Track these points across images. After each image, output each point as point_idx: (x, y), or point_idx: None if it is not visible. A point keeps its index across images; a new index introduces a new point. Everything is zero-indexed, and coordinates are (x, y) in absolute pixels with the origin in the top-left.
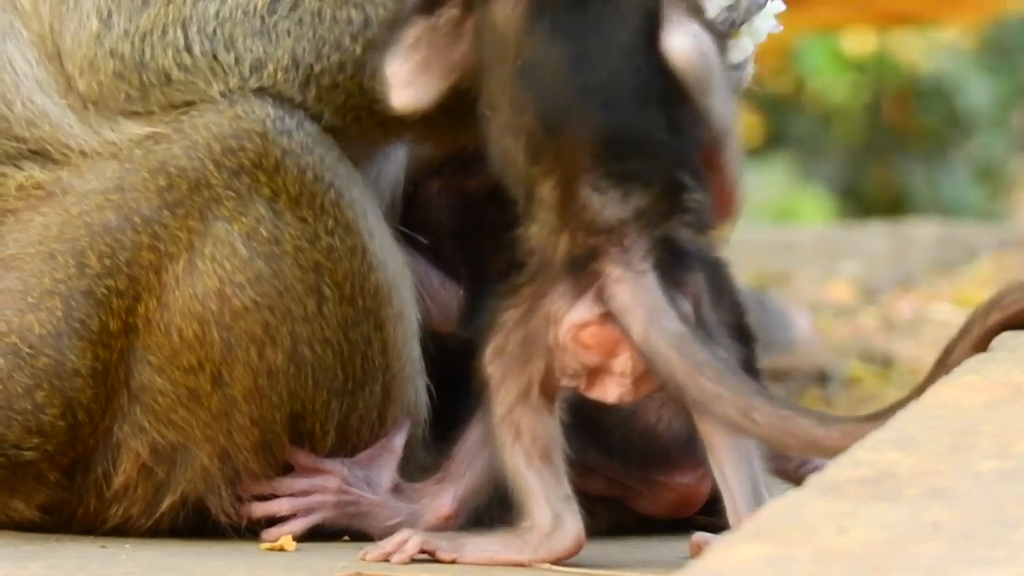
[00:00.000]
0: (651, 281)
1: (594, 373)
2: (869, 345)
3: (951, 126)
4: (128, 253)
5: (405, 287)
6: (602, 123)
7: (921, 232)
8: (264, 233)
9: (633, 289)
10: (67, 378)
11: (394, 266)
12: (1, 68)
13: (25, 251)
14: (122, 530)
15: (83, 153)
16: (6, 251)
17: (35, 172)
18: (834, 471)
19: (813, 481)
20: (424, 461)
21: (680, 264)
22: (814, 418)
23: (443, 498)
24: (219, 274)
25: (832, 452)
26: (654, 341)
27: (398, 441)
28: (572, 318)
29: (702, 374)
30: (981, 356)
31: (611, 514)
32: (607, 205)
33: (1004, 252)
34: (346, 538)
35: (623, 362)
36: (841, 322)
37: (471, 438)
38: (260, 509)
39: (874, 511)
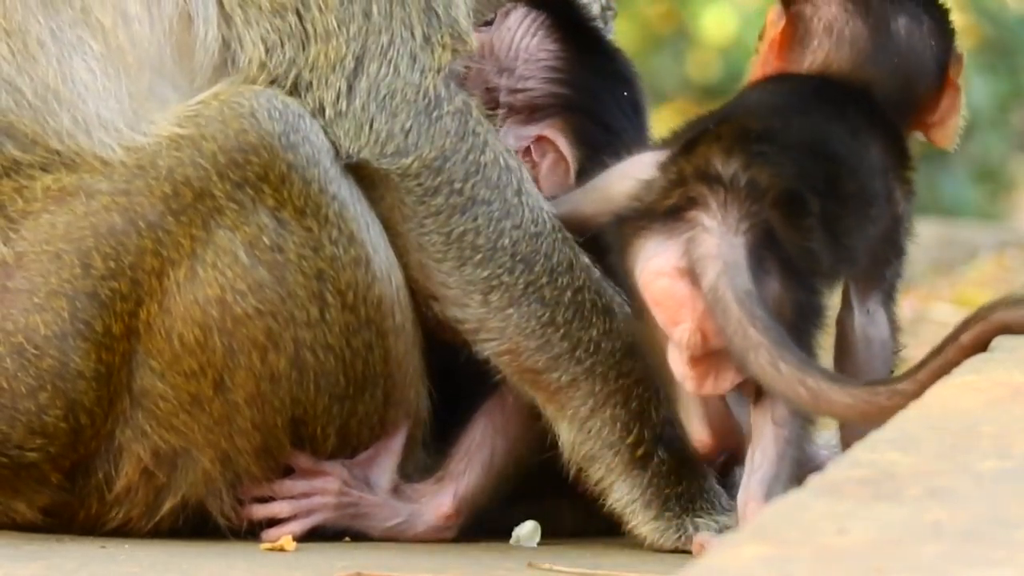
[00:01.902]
0: (739, 242)
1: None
2: None
3: None
4: (132, 257)
5: (407, 300)
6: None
7: (921, 232)
8: (267, 242)
9: (719, 242)
10: (70, 380)
11: (396, 280)
12: (62, 82)
13: (33, 250)
14: (122, 531)
15: (106, 162)
16: (16, 248)
17: (62, 176)
18: (834, 471)
19: (813, 481)
20: (424, 461)
21: (771, 257)
22: (832, 379)
23: (443, 497)
24: (220, 281)
25: (841, 415)
26: (721, 290)
27: (398, 442)
28: (652, 264)
29: (752, 325)
30: (981, 356)
31: (576, 515)
32: (726, 163)
33: (1004, 252)
34: (347, 539)
35: (682, 332)
36: None
37: (471, 437)
38: (260, 511)
39: (874, 511)
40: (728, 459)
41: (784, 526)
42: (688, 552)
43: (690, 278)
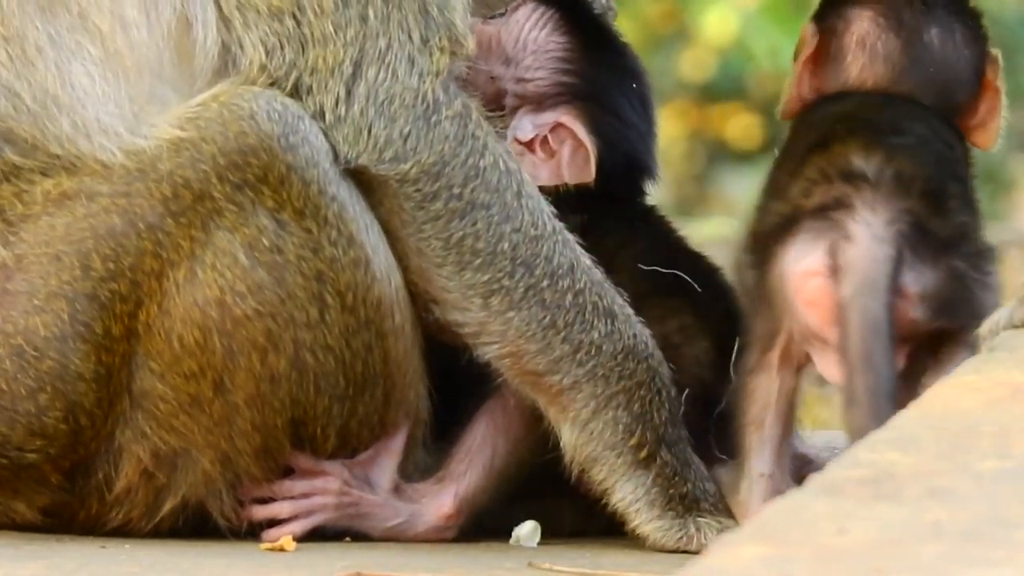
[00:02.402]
0: (884, 253)
1: (823, 343)
2: None
3: None
4: (131, 258)
5: (406, 301)
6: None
7: None
8: (266, 243)
9: (864, 251)
10: (70, 381)
11: (396, 281)
12: (60, 87)
13: (33, 252)
14: (122, 532)
15: (106, 165)
16: (16, 250)
17: (63, 180)
18: (834, 471)
19: (813, 481)
20: (424, 461)
21: (922, 249)
22: None
23: (444, 497)
24: (220, 283)
25: None
26: (853, 312)
27: (398, 442)
28: (802, 265)
29: (862, 370)
30: (981, 356)
31: (576, 515)
32: (868, 160)
33: (1004, 252)
34: (347, 539)
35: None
36: None
37: (472, 437)
38: (260, 512)
39: (874, 511)
40: (731, 459)
41: (784, 526)
42: (689, 552)
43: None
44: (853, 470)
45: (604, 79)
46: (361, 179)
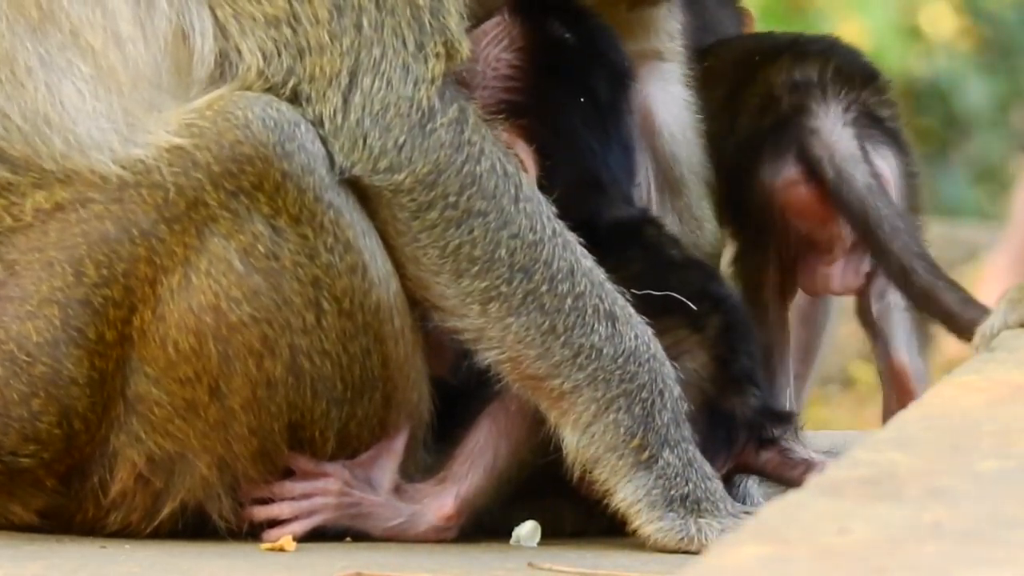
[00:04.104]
0: (848, 133)
1: (803, 256)
2: (869, 345)
3: (950, 127)
4: (125, 264)
5: (406, 305)
6: None
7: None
8: (262, 249)
9: (829, 137)
10: (63, 386)
11: (395, 286)
12: (51, 106)
13: (25, 258)
14: (122, 534)
15: (102, 176)
16: (8, 257)
17: (56, 191)
18: (834, 471)
19: (813, 481)
20: (425, 461)
21: (878, 134)
22: (958, 296)
23: (445, 498)
24: (215, 289)
25: (961, 331)
26: (846, 186)
27: (399, 443)
28: (777, 179)
29: (881, 226)
30: (981, 356)
31: (576, 515)
32: (804, 69)
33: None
34: (348, 539)
35: (829, 228)
36: (841, 322)
37: (474, 438)
38: (260, 513)
39: (874, 511)
40: (733, 465)
41: (784, 526)
42: (690, 552)
43: (815, 180)
44: (853, 470)
45: (551, 97)
46: (358, 186)
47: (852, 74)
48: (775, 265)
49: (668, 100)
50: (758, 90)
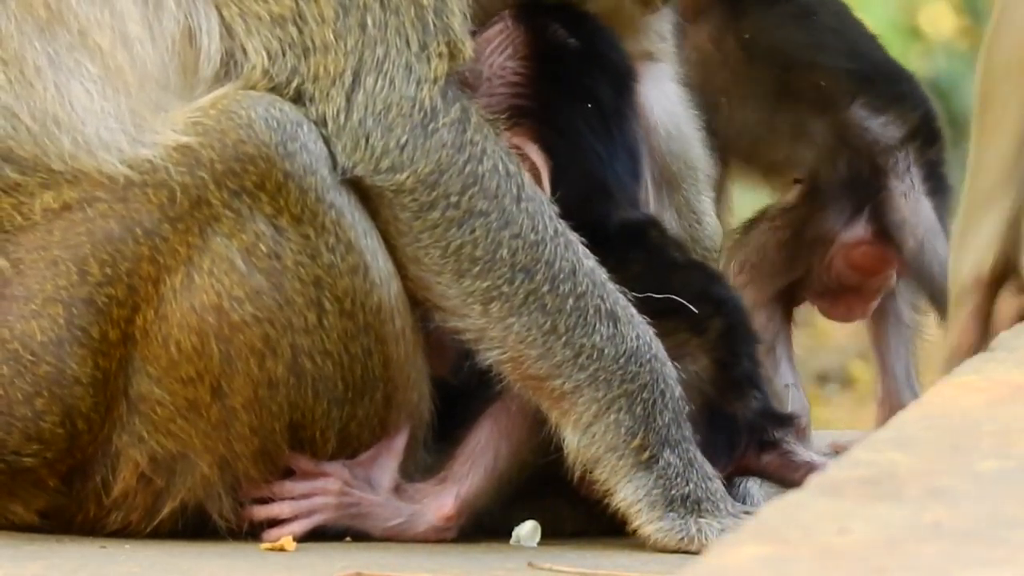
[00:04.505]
0: (928, 204)
1: (842, 293)
2: (869, 345)
3: (950, 127)
4: (128, 263)
5: (407, 306)
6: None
7: None
8: (264, 249)
9: (913, 207)
10: (67, 386)
11: (396, 286)
12: (60, 106)
13: (29, 257)
14: (122, 533)
15: (110, 176)
16: (13, 256)
17: (64, 190)
18: (834, 471)
19: (813, 481)
20: (426, 462)
21: (942, 189)
22: None
23: (445, 498)
24: (217, 288)
25: None
26: (927, 257)
27: (399, 442)
28: (849, 236)
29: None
30: (981, 356)
31: (576, 515)
32: (888, 119)
33: None
34: (347, 539)
35: (881, 280)
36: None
37: (475, 439)
38: (261, 512)
39: (874, 511)
40: (734, 468)
41: (784, 526)
42: (690, 552)
43: (885, 240)
44: (853, 470)
45: (558, 102)
46: (360, 186)
47: (929, 133)
48: (800, 283)
49: (662, 97)
50: (826, 127)
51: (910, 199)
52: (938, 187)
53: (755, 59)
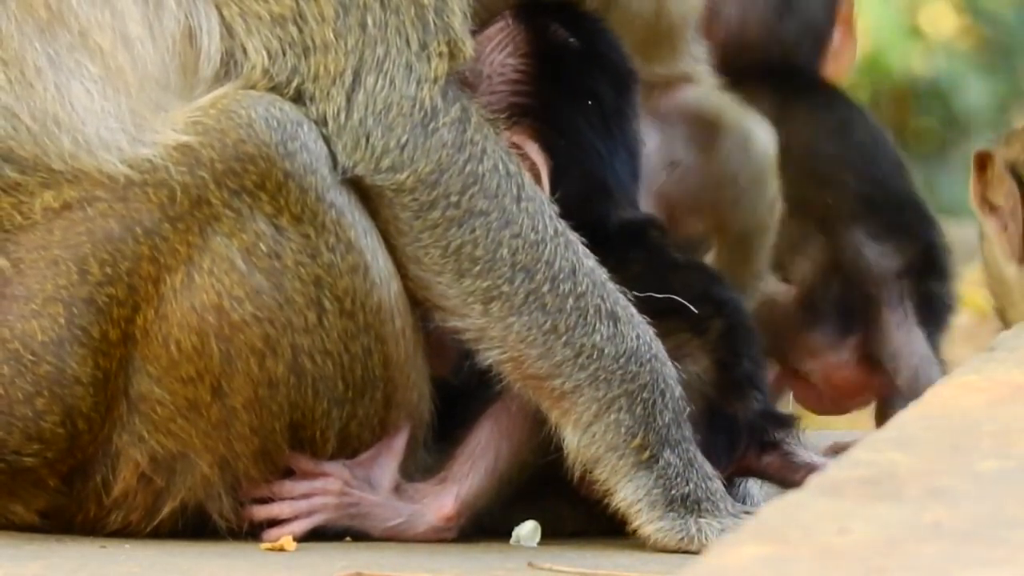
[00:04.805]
0: (920, 334)
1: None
2: None
3: (949, 127)
4: (129, 263)
5: (407, 305)
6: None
7: None
8: (264, 249)
9: (908, 338)
10: (67, 386)
11: (396, 286)
12: (60, 106)
13: (30, 256)
14: (122, 533)
15: (110, 176)
16: (13, 256)
17: (64, 190)
18: (834, 471)
19: (813, 481)
20: (426, 462)
21: (937, 320)
22: None
23: (445, 498)
24: (217, 288)
25: None
26: (922, 386)
27: (399, 442)
28: (832, 358)
29: None
30: (981, 356)
31: (576, 515)
32: (884, 256)
33: None
34: (348, 539)
35: (857, 404)
36: None
37: (476, 439)
38: (261, 512)
39: (874, 511)
40: (735, 469)
41: (784, 526)
42: (690, 552)
43: (869, 367)
44: (853, 470)
45: (559, 101)
46: (360, 185)
47: (929, 264)
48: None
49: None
50: (824, 245)
51: (902, 330)
52: (932, 317)
53: (785, 162)
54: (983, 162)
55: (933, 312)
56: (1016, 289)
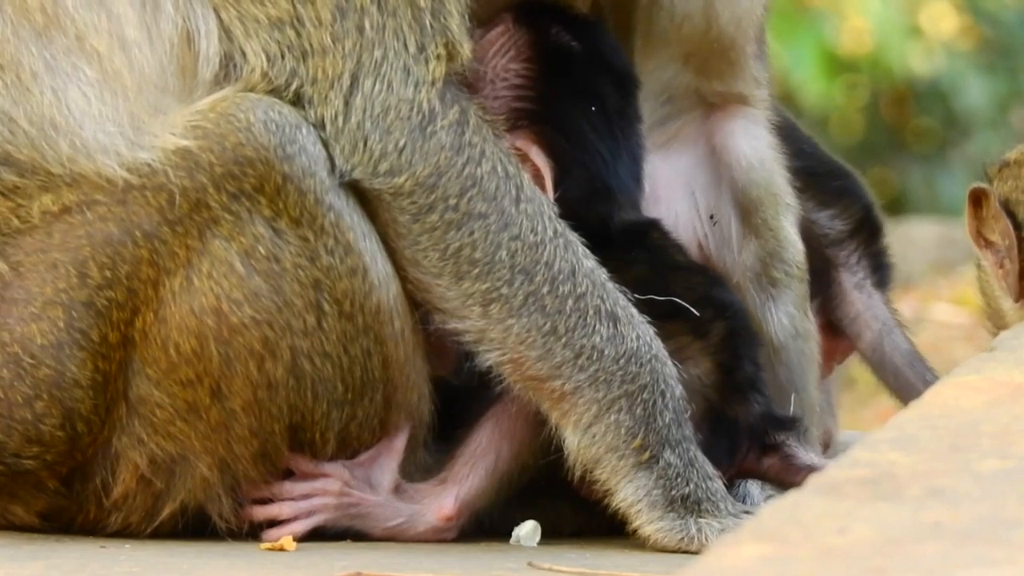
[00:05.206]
0: (879, 297)
1: None
2: None
3: (949, 127)
4: (128, 266)
5: (406, 307)
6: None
7: (920, 232)
8: (263, 252)
9: (867, 300)
10: (67, 389)
11: (395, 288)
12: (57, 110)
13: (29, 260)
14: (122, 534)
15: (108, 179)
16: (12, 259)
17: (63, 193)
18: (834, 471)
19: (813, 481)
20: (426, 462)
21: (887, 280)
22: None
23: (445, 499)
24: (216, 291)
25: None
26: (886, 350)
27: (399, 443)
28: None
29: (915, 386)
30: (981, 356)
31: (576, 515)
32: (834, 219)
33: None
34: (348, 539)
35: (824, 370)
36: None
37: (476, 440)
38: (260, 513)
39: (874, 511)
40: (736, 471)
41: (784, 526)
42: (690, 552)
43: (834, 331)
44: (853, 470)
45: (562, 105)
46: (359, 188)
47: (872, 226)
48: None
49: (749, 136)
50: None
51: (863, 292)
52: (883, 280)
53: None
54: (978, 198)
55: (882, 272)
56: (1013, 323)
